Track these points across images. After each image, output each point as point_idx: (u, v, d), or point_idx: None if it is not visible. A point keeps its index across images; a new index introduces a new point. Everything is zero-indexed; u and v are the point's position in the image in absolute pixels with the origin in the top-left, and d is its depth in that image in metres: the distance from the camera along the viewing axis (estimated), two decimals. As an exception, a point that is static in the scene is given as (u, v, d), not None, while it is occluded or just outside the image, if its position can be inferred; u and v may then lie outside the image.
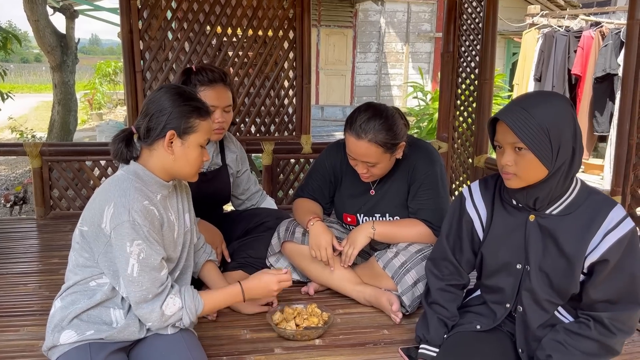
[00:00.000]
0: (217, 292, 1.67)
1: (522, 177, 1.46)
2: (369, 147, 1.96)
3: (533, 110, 1.41)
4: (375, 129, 1.95)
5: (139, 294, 1.46)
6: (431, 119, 6.48)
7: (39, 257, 2.69)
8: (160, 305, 1.48)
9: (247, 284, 1.69)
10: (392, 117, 2.00)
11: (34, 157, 3.19)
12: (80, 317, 1.50)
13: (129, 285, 1.45)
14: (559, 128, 1.40)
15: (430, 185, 2.09)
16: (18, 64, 27.80)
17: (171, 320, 1.51)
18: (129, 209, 1.44)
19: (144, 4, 3.24)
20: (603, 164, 6.60)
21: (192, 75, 2.22)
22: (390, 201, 2.16)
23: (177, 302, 1.51)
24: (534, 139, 1.39)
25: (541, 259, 1.52)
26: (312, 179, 2.30)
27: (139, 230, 1.44)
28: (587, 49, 6.51)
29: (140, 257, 1.44)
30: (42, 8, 6.56)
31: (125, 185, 1.49)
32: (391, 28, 11.81)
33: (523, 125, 1.40)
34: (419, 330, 1.71)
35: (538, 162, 1.41)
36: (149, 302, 1.47)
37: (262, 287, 1.72)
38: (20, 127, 8.74)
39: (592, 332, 1.46)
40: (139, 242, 1.44)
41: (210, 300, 1.61)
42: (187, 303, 1.53)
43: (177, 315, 1.52)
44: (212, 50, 3.39)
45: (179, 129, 1.55)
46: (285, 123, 3.58)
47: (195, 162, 1.60)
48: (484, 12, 3.22)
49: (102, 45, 59.34)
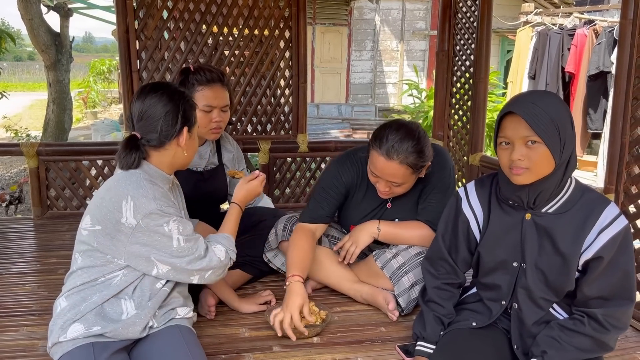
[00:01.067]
0: (226, 222, 1.86)
1: (534, 171, 1.45)
2: (399, 168, 1.90)
3: (544, 105, 1.43)
4: (407, 151, 1.88)
5: (192, 257, 1.59)
6: (426, 116, 6.51)
7: (36, 257, 2.69)
8: (215, 254, 1.65)
9: (238, 198, 1.93)
10: (424, 138, 1.94)
11: (30, 157, 3.19)
12: (94, 311, 1.51)
13: (178, 258, 1.56)
14: (565, 123, 1.44)
15: (442, 189, 2.08)
16: (11, 62, 27.62)
17: (225, 261, 1.69)
18: (153, 198, 1.52)
19: (140, 4, 3.24)
20: (597, 160, 6.65)
21: (190, 75, 2.23)
22: (402, 208, 2.13)
23: (219, 248, 1.69)
24: (548, 132, 1.41)
25: (537, 257, 1.54)
26: (325, 201, 2.12)
27: (168, 212, 1.54)
28: (580, 46, 6.54)
29: (181, 230, 1.55)
30: (37, 7, 6.54)
31: (136, 178, 1.55)
32: (386, 26, 11.82)
33: (537, 118, 1.41)
34: (416, 328, 1.73)
35: (549, 155, 1.43)
36: (204, 258, 1.61)
37: (251, 192, 1.96)
38: (15, 126, 8.69)
39: (586, 328, 1.49)
40: (174, 219, 1.54)
41: (228, 230, 1.83)
42: (225, 242, 1.72)
43: (226, 255, 1.70)
44: (209, 49, 3.40)
45: (191, 124, 1.65)
46: (281, 122, 3.59)
47: (197, 147, 1.74)
48: (478, 10, 3.24)
49: (95, 43, 59.07)
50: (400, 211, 2.14)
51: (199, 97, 2.19)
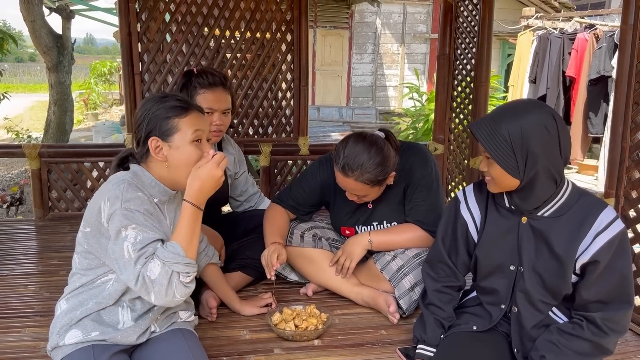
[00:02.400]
0: (178, 225, 1.47)
1: (497, 183, 1.53)
2: (355, 184, 1.94)
3: (500, 122, 1.46)
4: (362, 168, 1.89)
5: (129, 274, 1.39)
6: (427, 119, 6.51)
7: (38, 258, 2.70)
8: (147, 270, 1.38)
9: (191, 194, 1.47)
10: (381, 151, 1.91)
11: (32, 158, 3.20)
12: (90, 317, 1.51)
13: (124, 271, 1.39)
14: (525, 140, 1.43)
15: (426, 187, 2.09)
16: (12, 63, 27.67)
17: (164, 281, 1.37)
18: (121, 198, 1.42)
19: (142, 7, 3.25)
20: (597, 164, 6.65)
21: (192, 78, 2.24)
22: (386, 208, 2.15)
23: (154, 263, 1.38)
24: (498, 150, 1.45)
25: (534, 260, 1.55)
26: (298, 188, 2.26)
27: (132, 217, 1.40)
28: (581, 51, 6.55)
29: (137, 240, 1.39)
30: (39, 9, 6.55)
31: (119, 180, 1.47)
32: (387, 29, 11.84)
33: (488, 136, 1.46)
34: (417, 331, 1.74)
35: (504, 172, 1.47)
36: (138, 279, 1.39)
37: (205, 180, 1.47)
38: (16, 127, 8.70)
39: (585, 333, 1.49)
40: (133, 226, 1.40)
41: (178, 235, 1.45)
42: (164, 254, 1.40)
43: (165, 273, 1.38)
44: (210, 52, 3.41)
45: (159, 132, 1.49)
46: (282, 125, 3.60)
47: (194, 160, 1.50)
48: (479, 15, 3.25)
49: (96, 44, 59.14)
50: (382, 212, 2.16)
51: (200, 99, 2.21)
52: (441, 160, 3.70)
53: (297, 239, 2.21)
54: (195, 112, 1.55)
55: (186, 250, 1.43)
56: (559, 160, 1.48)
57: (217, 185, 1.51)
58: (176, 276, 1.40)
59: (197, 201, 1.47)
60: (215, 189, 1.51)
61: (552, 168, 1.47)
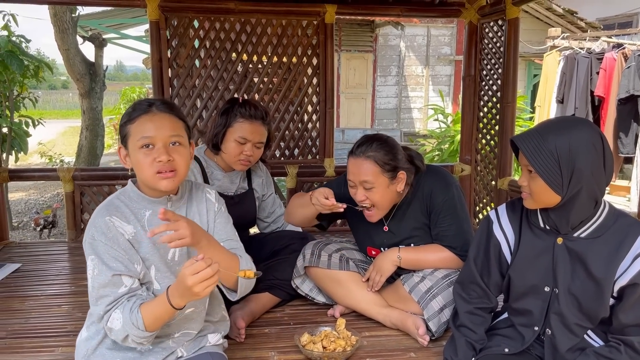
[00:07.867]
0: (155, 301, 1.39)
1: (536, 199, 1.51)
2: (365, 163, 2.00)
3: (548, 136, 1.44)
4: (372, 149, 2.01)
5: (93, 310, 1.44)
6: (452, 141, 6.48)
7: (71, 279, 2.75)
8: (111, 319, 1.39)
9: (175, 297, 1.34)
10: (392, 143, 2.06)
11: (66, 181, 3.29)
12: (105, 345, 1.51)
13: (90, 303, 1.44)
14: (573, 155, 1.42)
15: (449, 211, 2.08)
16: (46, 90, 28.61)
17: (119, 337, 1.39)
18: (92, 225, 1.44)
19: (173, 34, 3.35)
20: (629, 185, 6.51)
21: (236, 106, 2.32)
22: (406, 228, 2.15)
23: (116, 316, 1.39)
24: (543, 164, 1.43)
25: (570, 282, 1.52)
26: (328, 183, 2.33)
27: (94, 246, 1.42)
28: (609, 70, 6.47)
29: (95, 273, 1.41)
30: (73, 38, 6.79)
31: (105, 202, 1.50)
32: (411, 52, 11.90)
33: (534, 149, 1.44)
34: (447, 353, 1.71)
35: (548, 187, 1.45)
36: (101, 320, 1.42)
37: (180, 286, 1.32)
38: (49, 151, 8.96)
39: (622, 356, 1.45)
40: (92, 257, 1.42)
41: (148, 308, 1.38)
42: (125, 318, 1.37)
43: (123, 331, 1.38)
44: (239, 77, 3.48)
45: (122, 140, 1.51)
46: (308, 147, 3.64)
47: (142, 166, 1.44)
48: (505, 35, 3.25)
49: (126, 71, 60.73)
50: (400, 230, 2.16)
51: (237, 127, 2.27)
52: (468, 182, 3.67)
53: (324, 261, 2.21)
54: (144, 116, 1.46)
55: (148, 327, 1.37)
56: (603, 180, 1.46)
57: (193, 294, 1.30)
58: (132, 337, 1.39)
59: (175, 302, 1.35)
60: (189, 295, 1.32)
61: (596, 186, 1.45)
